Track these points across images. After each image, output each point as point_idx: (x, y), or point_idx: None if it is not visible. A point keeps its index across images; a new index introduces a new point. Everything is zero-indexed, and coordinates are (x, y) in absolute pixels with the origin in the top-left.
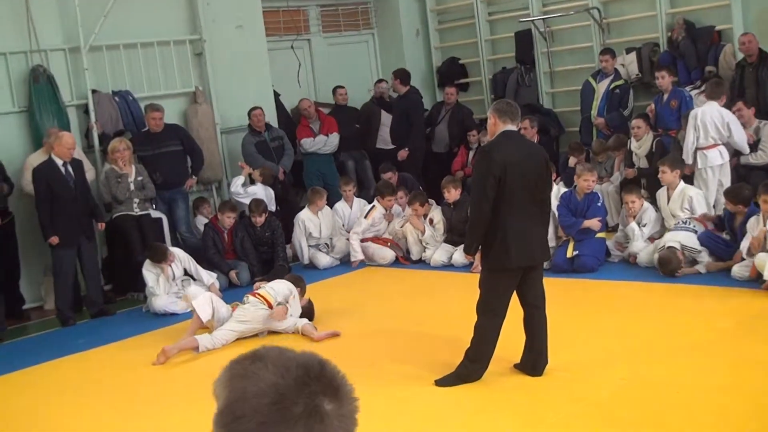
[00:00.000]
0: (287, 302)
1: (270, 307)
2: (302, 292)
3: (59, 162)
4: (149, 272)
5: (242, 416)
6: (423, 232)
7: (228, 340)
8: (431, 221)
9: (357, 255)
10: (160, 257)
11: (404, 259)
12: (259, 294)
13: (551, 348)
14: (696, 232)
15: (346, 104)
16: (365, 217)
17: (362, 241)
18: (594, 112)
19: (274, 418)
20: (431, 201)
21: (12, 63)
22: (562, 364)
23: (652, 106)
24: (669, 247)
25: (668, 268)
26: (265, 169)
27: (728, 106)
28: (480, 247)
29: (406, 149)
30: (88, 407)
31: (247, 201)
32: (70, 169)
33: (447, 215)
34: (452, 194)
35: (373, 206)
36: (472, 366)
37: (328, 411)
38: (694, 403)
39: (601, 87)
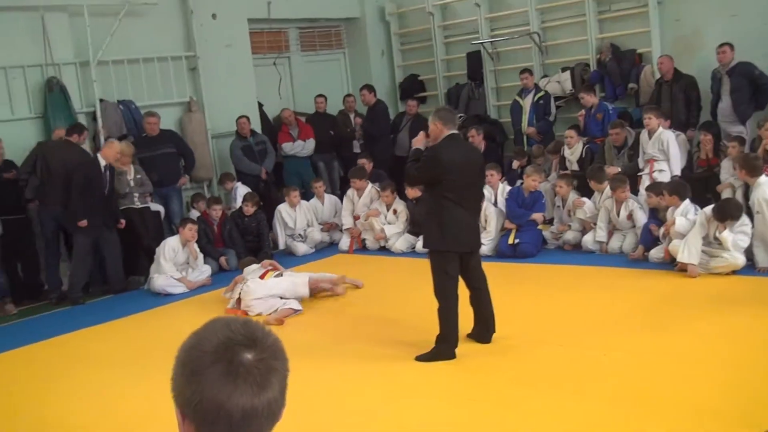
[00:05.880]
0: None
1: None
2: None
3: (102, 162)
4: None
5: (195, 372)
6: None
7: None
8: (395, 211)
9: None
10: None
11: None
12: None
13: (498, 321)
14: None
15: (324, 111)
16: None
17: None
18: (524, 124)
19: (209, 370)
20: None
21: (29, 75)
22: (507, 334)
23: (582, 113)
24: None
25: None
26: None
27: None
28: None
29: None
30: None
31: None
32: (107, 171)
33: (410, 209)
34: (413, 192)
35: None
36: (445, 346)
37: (249, 359)
38: (616, 363)
39: (527, 102)
